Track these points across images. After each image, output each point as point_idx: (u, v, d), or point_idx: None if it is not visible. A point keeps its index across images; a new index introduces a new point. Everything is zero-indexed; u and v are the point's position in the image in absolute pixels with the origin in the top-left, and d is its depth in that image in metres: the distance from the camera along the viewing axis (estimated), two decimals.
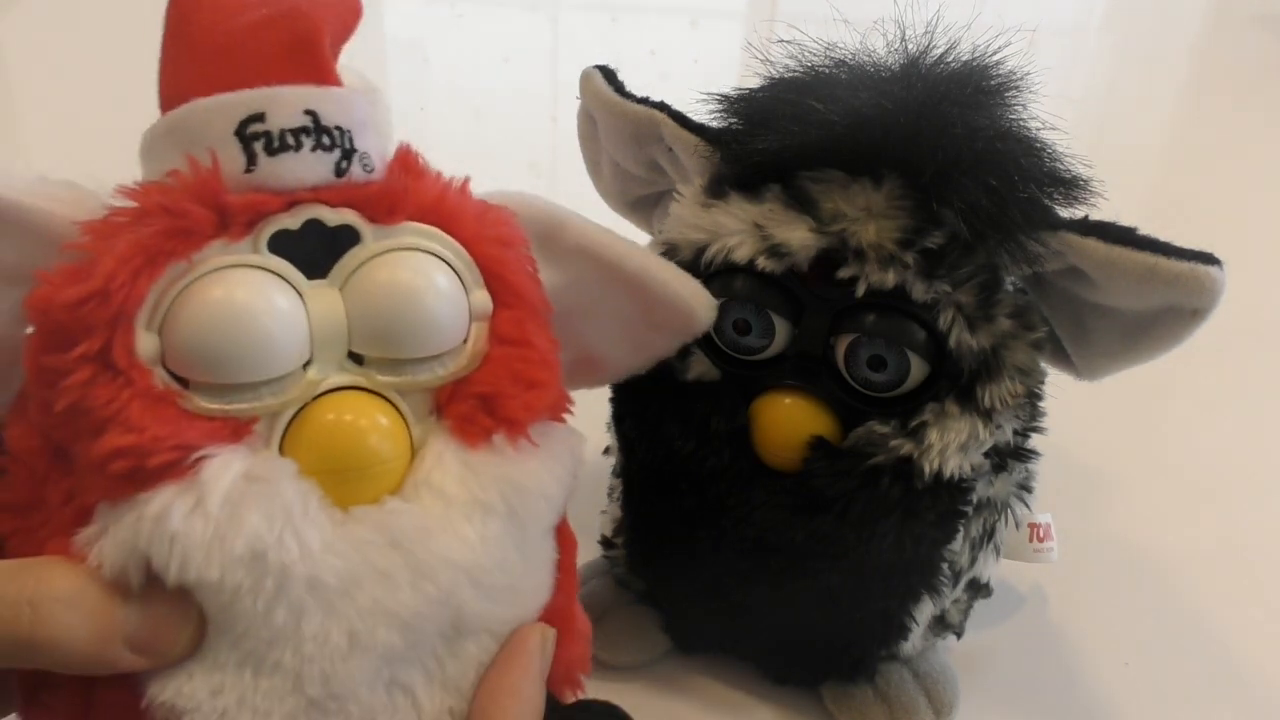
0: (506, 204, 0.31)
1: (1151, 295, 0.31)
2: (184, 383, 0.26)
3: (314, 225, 0.27)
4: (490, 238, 0.29)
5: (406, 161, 0.29)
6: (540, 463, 0.29)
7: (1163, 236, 0.31)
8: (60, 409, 0.24)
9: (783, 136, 0.33)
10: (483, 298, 0.29)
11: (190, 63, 0.27)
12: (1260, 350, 0.70)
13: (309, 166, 0.27)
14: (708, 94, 0.37)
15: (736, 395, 0.35)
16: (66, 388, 0.24)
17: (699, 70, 1.16)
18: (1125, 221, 0.33)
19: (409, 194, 0.28)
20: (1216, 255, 0.31)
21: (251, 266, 0.26)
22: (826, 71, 0.35)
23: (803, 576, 0.36)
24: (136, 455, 0.24)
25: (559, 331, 0.31)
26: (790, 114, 0.33)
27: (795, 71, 0.35)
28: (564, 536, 0.31)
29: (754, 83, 0.36)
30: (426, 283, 0.28)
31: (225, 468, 0.25)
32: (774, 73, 0.36)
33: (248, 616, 0.25)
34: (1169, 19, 1.58)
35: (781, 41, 0.36)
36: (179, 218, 0.25)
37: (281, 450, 0.27)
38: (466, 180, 0.30)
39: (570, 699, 0.32)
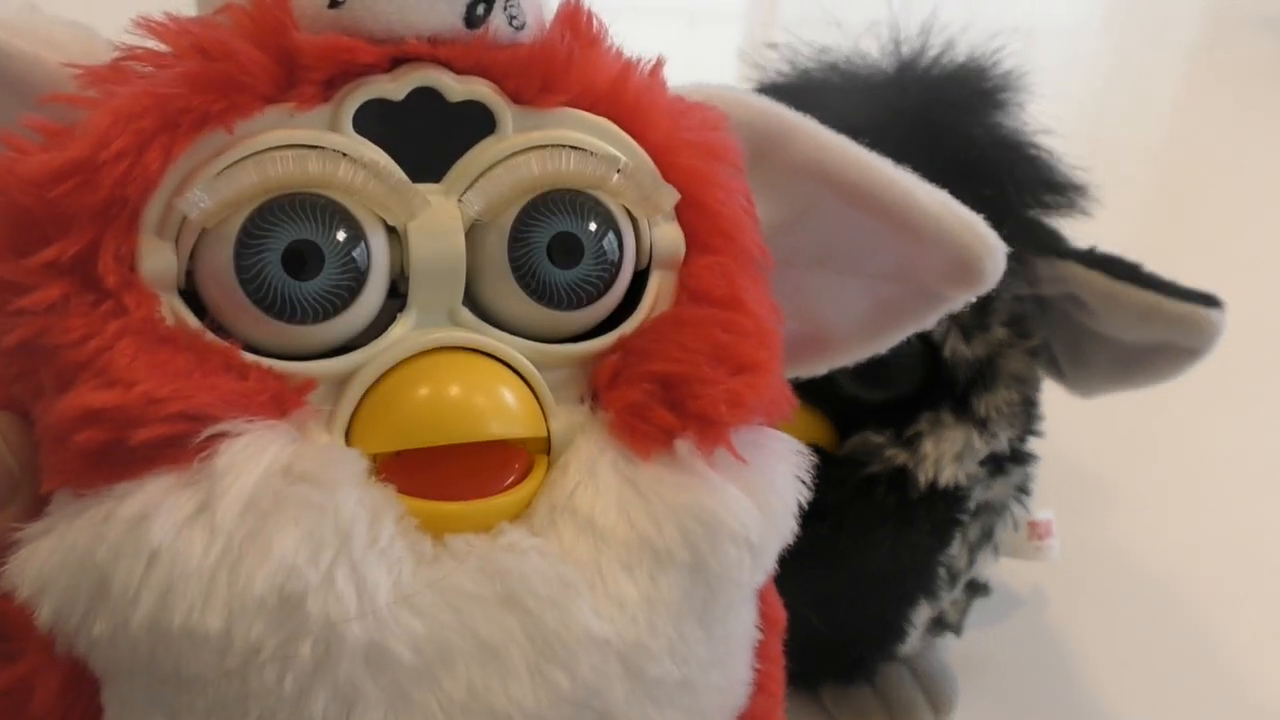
0: (712, 101, 0.21)
1: (1150, 332, 0.32)
2: (212, 323, 0.17)
3: (427, 97, 0.18)
4: (690, 146, 0.20)
5: (575, 21, 0.20)
6: (747, 489, 0.19)
7: (1161, 237, 0.32)
8: (10, 344, 0.16)
9: None
10: (673, 234, 0.20)
11: None
12: (1260, 352, 0.70)
13: (428, 4, 0.18)
14: None
15: None
16: (21, 311, 0.16)
17: (698, 72, 1.16)
18: (1123, 224, 0.33)
19: (574, 66, 0.19)
20: (1218, 296, 0.31)
21: (328, 150, 0.17)
22: (819, 76, 0.35)
23: (798, 582, 0.36)
24: (117, 423, 0.16)
25: (777, 291, 0.21)
26: None
27: (787, 77, 0.35)
28: (770, 607, 0.22)
29: (747, 88, 0.36)
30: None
31: (254, 455, 0.16)
32: (765, 79, 0.36)
33: (265, 699, 0.16)
34: (1168, 20, 1.58)
35: (774, 46, 0.36)
36: (219, 61, 0.17)
37: (348, 437, 0.18)
38: (660, 60, 0.21)
39: None
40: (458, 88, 0.18)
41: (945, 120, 0.32)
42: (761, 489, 0.19)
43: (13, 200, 0.16)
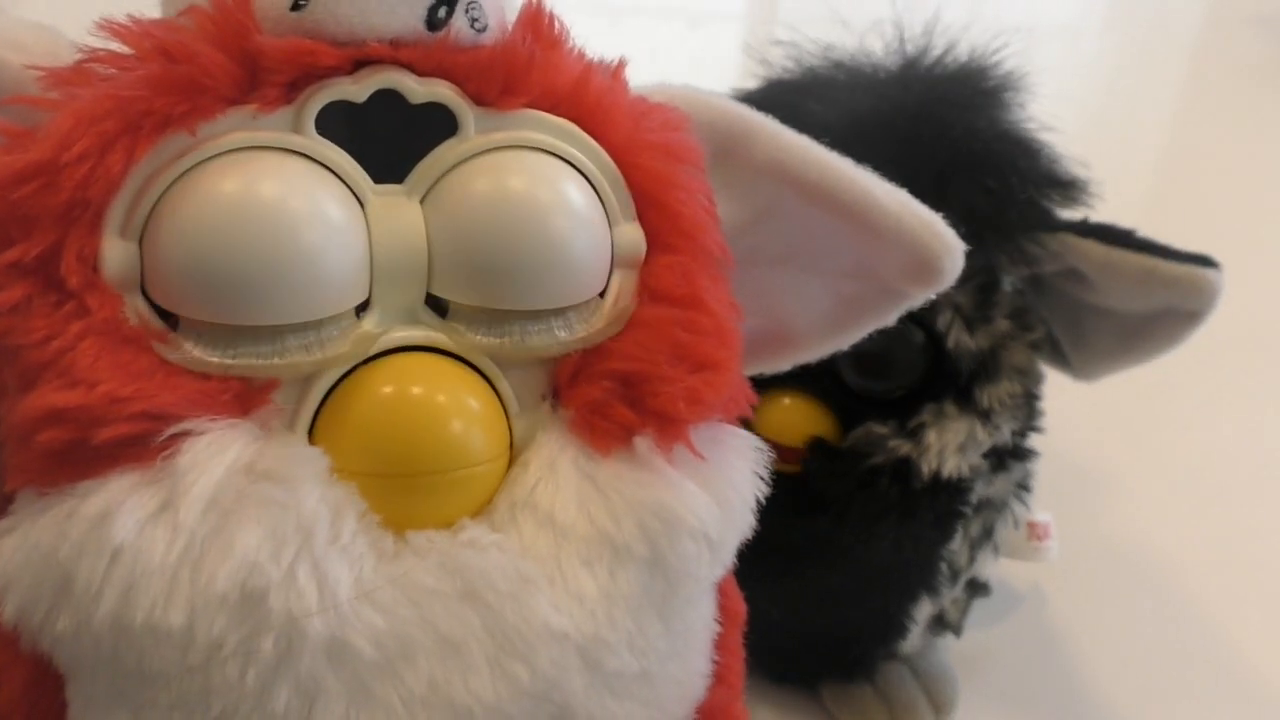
0: (674, 103, 0.22)
1: (1149, 297, 0.32)
2: (172, 321, 0.17)
3: (389, 99, 0.18)
4: (652, 146, 0.20)
5: (537, 23, 0.20)
6: (706, 485, 0.19)
7: (1162, 237, 0.32)
8: None
9: None
10: (634, 234, 0.20)
11: None
12: (1260, 350, 0.70)
13: (389, 7, 0.18)
14: None
15: None
16: None
17: (698, 72, 1.16)
18: (1124, 222, 0.33)
19: (535, 68, 0.19)
20: (1214, 258, 0.31)
21: (289, 152, 0.17)
22: (825, 73, 0.35)
23: (801, 576, 0.36)
24: (80, 422, 0.16)
25: (738, 290, 0.22)
26: (788, 116, 0.33)
27: (793, 73, 0.35)
28: (729, 600, 0.23)
29: (752, 85, 0.36)
30: (553, 198, 0.18)
31: (217, 454, 0.16)
32: (772, 75, 0.36)
33: (228, 693, 0.16)
34: (1168, 19, 1.58)
35: (779, 43, 0.36)
36: (181, 64, 0.17)
37: (312, 436, 0.18)
38: (622, 62, 0.21)
39: None
40: (419, 89, 0.18)
41: (949, 116, 0.32)
42: (720, 485, 0.19)
43: None
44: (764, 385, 0.35)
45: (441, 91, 0.18)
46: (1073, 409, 0.40)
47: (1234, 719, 0.42)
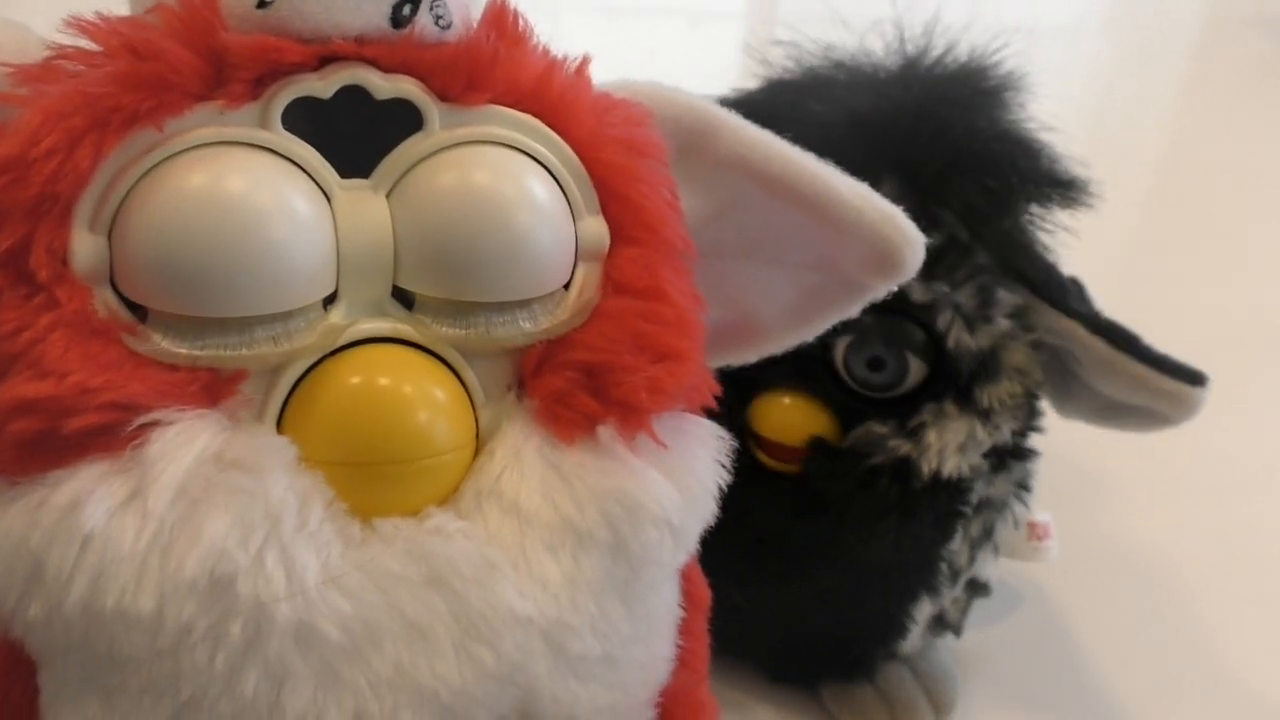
0: (638, 98, 0.22)
1: (1135, 397, 0.34)
2: (140, 313, 0.18)
3: (354, 95, 0.19)
4: (614, 141, 0.20)
5: (501, 21, 0.20)
6: (668, 473, 0.19)
7: (1162, 236, 0.32)
8: None
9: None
10: (597, 227, 0.20)
11: None
12: (1260, 350, 0.70)
13: (355, 4, 0.18)
14: (706, 96, 0.37)
15: (735, 396, 0.35)
16: None
17: (698, 71, 1.16)
18: (1123, 222, 0.33)
19: (499, 64, 0.19)
20: (1205, 374, 0.33)
21: (256, 147, 0.18)
22: (825, 73, 0.35)
23: (801, 576, 0.36)
24: (50, 413, 0.16)
25: (702, 281, 0.22)
26: (788, 116, 0.33)
27: (794, 73, 0.35)
28: (694, 586, 0.23)
29: (753, 84, 0.36)
30: (517, 193, 0.19)
31: (186, 443, 0.17)
32: (772, 74, 0.36)
33: (198, 677, 0.16)
34: (1169, 19, 1.58)
35: (780, 43, 0.36)
36: (148, 61, 0.17)
37: (280, 426, 0.18)
38: (586, 58, 0.21)
39: None
40: (384, 86, 0.19)
41: (949, 116, 0.32)
42: (682, 473, 0.20)
43: None
44: (764, 385, 0.35)
45: (406, 88, 0.19)
46: None
47: (1234, 719, 0.42)
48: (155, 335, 0.17)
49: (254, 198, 0.17)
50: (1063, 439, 0.40)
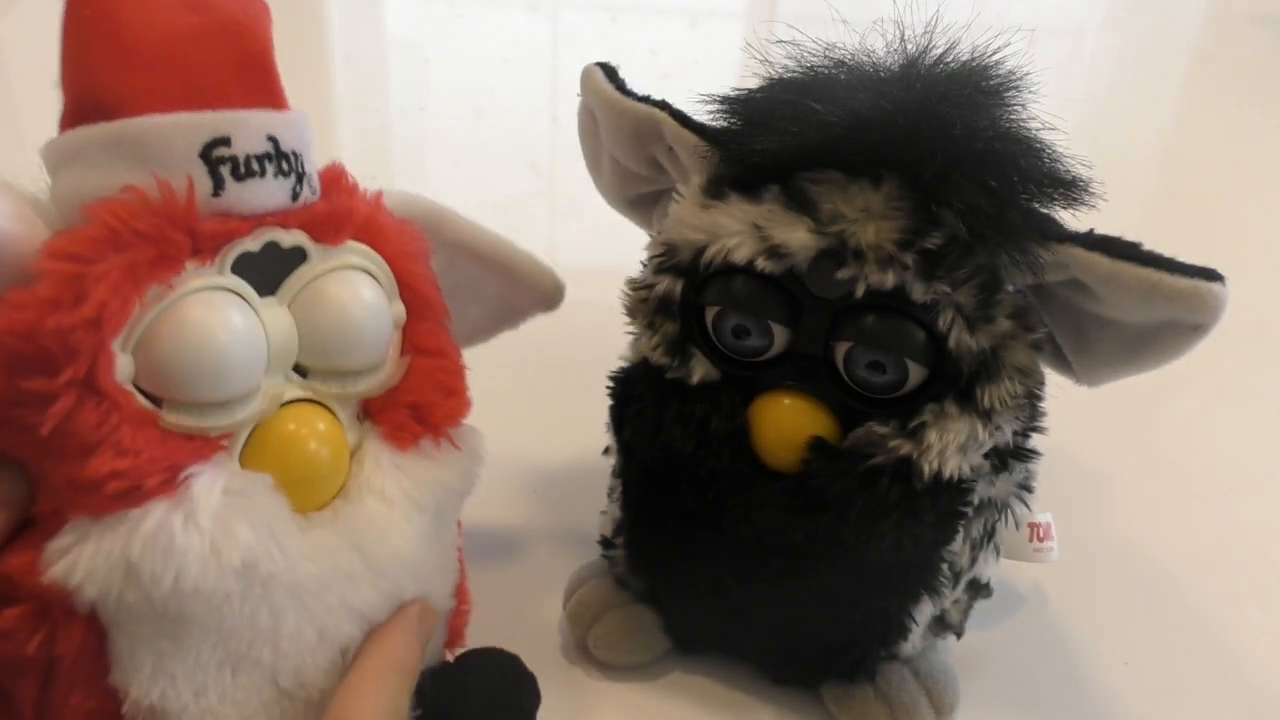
0: (394, 204, 0.33)
1: (1154, 310, 0.31)
2: (155, 400, 0.27)
3: (272, 245, 0.29)
4: (409, 253, 0.32)
5: (339, 180, 0.32)
6: (461, 463, 0.33)
7: (1164, 236, 0.31)
8: (46, 433, 0.25)
9: (782, 137, 0.33)
10: (399, 309, 0.32)
11: (126, 68, 0.26)
12: (1260, 350, 0.70)
13: (271, 192, 0.28)
14: (707, 95, 0.37)
15: (736, 396, 0.35)
16: (53, 413, 0.24)
17: (699, 70, 1.16)
18: (1127, 221, 0.33)
19: (349, 215, 0.31)
20: (1219, 271, 0.31)
21: (221, 289, 0.27)
22: (826, 72, 0.35)
23: (802, 577, 0.36)
24: (133, 477, 0.25)
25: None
26: (789, 115, 0.33)
27: (794, 72, 0.35)
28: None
29: (753, 83, 0.36)
30: (371, 298, 0.31)
31: (210, 484, 0.27)
32: (773, 73, 0.36)
33: (233, 619, 0.28)
34: (1169, 19, 1.58)
35: (780, 42, 0.36)
36: (165, 246, 0.26)
37: (241, 462, 0.29)
38: (380, 195, 0.33)
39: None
40: (287, 238, 0.29)
41: (950, 115, 0.32)
42: (468, 462, 0.33)
43: (38, 342, 0.24)
44: (764, 386, 0.35)
45: (299, 238, 0.29)
46: (1074, 409, 0.40)
47: (1234, 719, 0.42)
48: (169, 415, 0.27)
49: (232, 323, 0.27)
50: (1063, 439, 0.40)
